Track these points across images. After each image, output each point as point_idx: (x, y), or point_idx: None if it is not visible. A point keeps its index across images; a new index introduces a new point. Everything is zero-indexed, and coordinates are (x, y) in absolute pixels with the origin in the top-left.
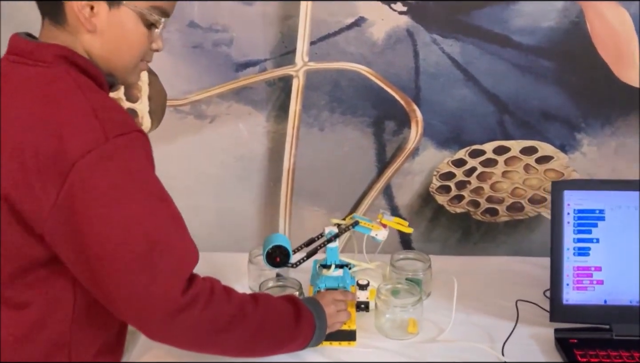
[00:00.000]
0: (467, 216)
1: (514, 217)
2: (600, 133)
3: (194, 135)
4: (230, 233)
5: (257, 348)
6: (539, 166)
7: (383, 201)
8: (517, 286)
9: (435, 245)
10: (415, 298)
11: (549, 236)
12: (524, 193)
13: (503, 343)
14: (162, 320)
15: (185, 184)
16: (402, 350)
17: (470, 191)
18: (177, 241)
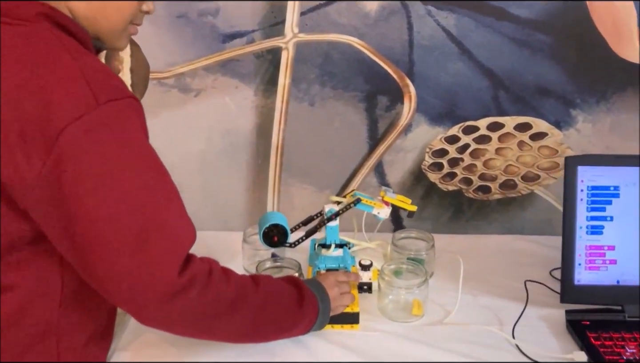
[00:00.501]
0: (459, 194)
1: (506, 195)
2: (596, 109)
3: (178, 109)
4: (217, 212)
5: (258, 333)
6: (533, 143)
7: (374, 179)
8: (521, 266)
9: (427, 223)
10: (421, 279)
11: (542, 214)
12: (517, 170)
13: (513, 326)
14: (156, 304)
15: (169, 161)
16: (407, 333)
17: (462, 168)
18: (173, 218)
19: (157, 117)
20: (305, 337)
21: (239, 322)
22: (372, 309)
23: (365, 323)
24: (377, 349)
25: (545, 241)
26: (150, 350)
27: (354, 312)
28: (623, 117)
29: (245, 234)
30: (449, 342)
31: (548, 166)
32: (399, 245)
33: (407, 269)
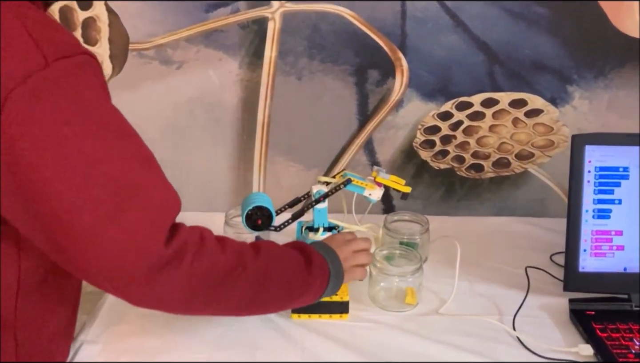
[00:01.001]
0: (451, 172)
1: (499, 173)
2: (593, 86)
3: (159, 82)
4: (199, 191)
5: (262, 304)
6: (528, 120)
7: (364, 157)
8: (520, 250)
9: (417, 203)
10: (415, 265)
11: (535, 193)
12: (511, 148)
13: (513, 316)
14: (143, 281)
15: (149, 137)
16: (400, 324)
17: (455, 146)
18: (150, 183)
19: (137, 91)
20: (289, 326)
21: (240, 293)
22: (363, 297)
23: (355, 313)
24: (368, 341)
25: (544, 224)
26: (121, 342)
27: (343, 301)
28: (621, 94)
29: (227, 216)
30: (444, 333)
31: (543, 144)
32: (392, 229)
33: (400, 254)
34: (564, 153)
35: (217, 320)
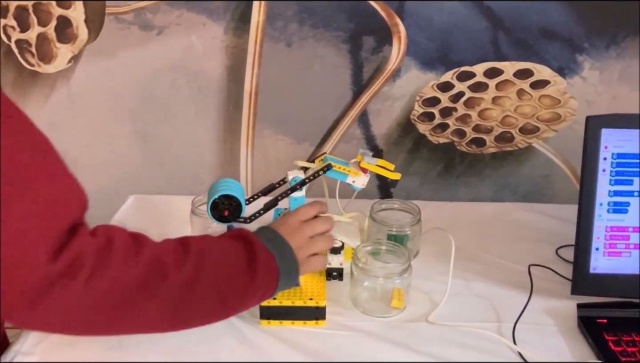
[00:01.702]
0: (451, 147)
1: (502, 148)
2: (605, 55)
3: (138, 49)
4: (183, 166)
5: (190, 318)
6: (534, 92)
7: (358, 130)
8: (522, 242)
9: (414, 179)
10: (403, 265)
11: (539, 169)
12: (515, 121)
13: (514, 324)
14: (24, 304)
15: (129, 108)
16: (384, 332)
17: (456, 119)
18: (34, 176)
19: (115, 58)
20: (256, 334)
21: (158, 308)
22: (343, 300)
23: (333, 318)
24: (345, 353)
25: (550, 211)
26: (60, 354)
27: (319, 306)
28: (634, 64)
29: (193, 204)
30: (434, 344)
31: (548, 118)
32: (379, 219)
33: (387, 250)
34: (570, 127)
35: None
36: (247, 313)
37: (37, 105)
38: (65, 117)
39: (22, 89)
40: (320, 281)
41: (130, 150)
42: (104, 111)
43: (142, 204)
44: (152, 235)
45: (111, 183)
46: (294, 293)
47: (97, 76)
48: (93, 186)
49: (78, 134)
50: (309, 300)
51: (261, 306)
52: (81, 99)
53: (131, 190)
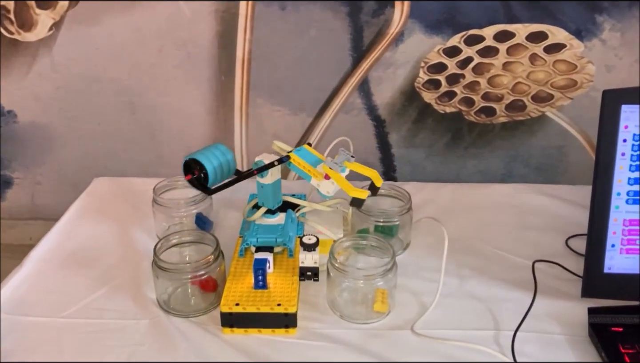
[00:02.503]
0: (459, 116)
1: (513, 118)
2: (628, 14)
3: (123, 15)
4: (175, 139)
5: None
6: (548, 57)
7: (359, 100)
8: (530, 230)
9: (419, 152)
10: (386, 264)
11: (552, 140)
12: (527, 89)
13: (513, 334)
14: None
15: (113, 77)
16: (364, 342)
17: (463, 86)
18: None
19: (99, 25)
20: (216, 345)
21: None
22: (319, 303)
23: (306, 325)
24: None
25: (563, 193)
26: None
27: (288, 313)
28: None
29: (155, 191)
30: (420, 357)
31: (563, 85)
32: (363, 208)
33: (370, 245)
34: (587, 95)
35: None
36: (207, 319)
37: (20, 76)
38: (48, 88)
39: (3, 59)
40: (291, 282)
41: (118, 122)
42: (89, 81)
43: (105, 188)
44: (112, 228)
45: (98, 157)
46: (260, 297)
47: (80, 44)
48: (80, 160)
49: (63, 106)
50: (276, 306)
51: (222, 313)
52: (65, 69)
53: (121, 164)
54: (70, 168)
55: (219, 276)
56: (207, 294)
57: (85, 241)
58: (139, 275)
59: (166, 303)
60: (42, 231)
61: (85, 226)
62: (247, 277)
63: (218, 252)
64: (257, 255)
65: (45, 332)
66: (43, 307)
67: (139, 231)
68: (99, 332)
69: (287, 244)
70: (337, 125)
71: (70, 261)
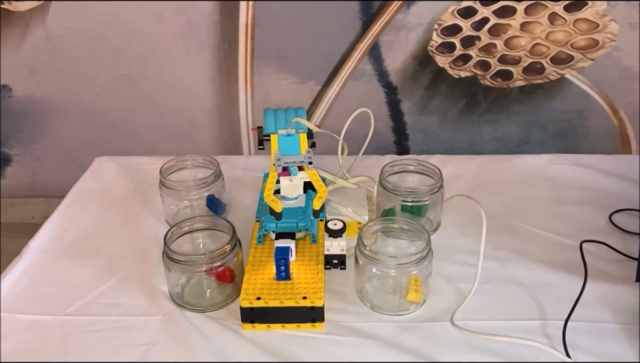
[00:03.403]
0: (474, 81)
1: (531, 81)
2: None
3: None
4: (178, 109)
5: None
6: (568, 16)
7: (369, 66)
8: (568, 206)
9: (432, 118)
10: (421, 252)
11: (572, 103)
12: (546, 50)
13: (564, 324)
14: None
15: (113, 47)
16: (398, 336)
17: (479, 49)
18: None
19: None
20: (236, 345)
21: None
22: (347, 293)
23: (333, 318)
24: None
25: (595, 163)
26: None
27: (315, 307)
28: None
29: (162, 173)
30: (461, 353)
31: (584, 45)
32: (390, 186)
33: (401, 229)
34: (609, 55)
35: (134, 334)
36: (226, 313)
37: (13, 48)
38: (44, 60)
39: None
40: (316, 272)
41: (118, 94)
42: (86, 52)
43: (107, 169)
44: (117, 213)
45: (98, 132)
46: (283, 289)
47: (75, 13)
48: (80, 135)
49: (59, 79)
50: (302, 299)
51: (242, 308)
52: (60, 40)
53: (122, 139)
54: (70, 143)
55: (236, 266)
56: (224, 285)
57: (88, 229)
58: (149, 265)
59: (179, 297)
60: (44, 209)
61: (87, 212)
62: (268, 266)
63: (235, 241)
64: (277, 242)
65: (48, 331)
66: (44, 304)
67: (146, 216)
68: (106, 331)
69: (310, 229)
70: (346, 93)
71: (72, 251)
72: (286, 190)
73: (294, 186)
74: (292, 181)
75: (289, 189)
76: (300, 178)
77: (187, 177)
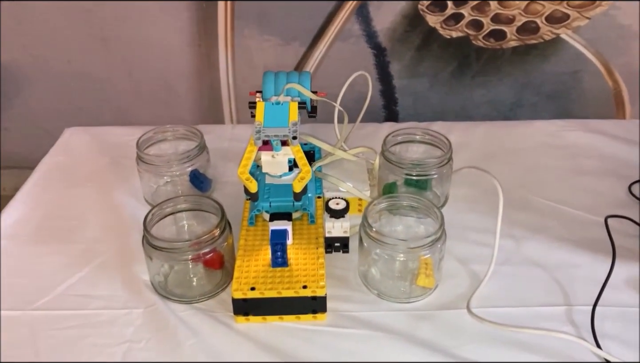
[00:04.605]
0: (466, 41)
1: (525, 42)
2: None
3: None
4: (154, 74)
5: None
6: None
7: (356, 26)
8: (584, 176)
9: (422, 82)
10: (435, 233)
11: (566, 65)
12: (541, 8)
13: (592, 309)
14: None
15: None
16: (409, 327)
17: (471, 7)
18: None
19: None
20: (227, 339)
21: None
22: (350, 278)
23: (336, 307)
24: None
25: (607, 129)
26: None
27: (317, 296)
28: None
29: (139, 145)
30: (481, 344)
31: (580, 3)
32: (394, 156)
33: (411, 206)
34: (606, 14)
35: (113, 331)
36: (216, 304)
37: None
38: (9, 24)
39: None
40: (316, 257)
41: (91, 59)
42: (55, 13)
43: (79, 141)
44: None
45: (71, 99)
46: (280, 277)
47: None
48: (50, 103)
49: (27, 43)
50: (301, 289)
51: (234, 299)
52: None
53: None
54: (40, 112)
55: (226, 251)
56: (212, 272)
57: (58, 209)
58: (127, 251)
59: (162, 287)
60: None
61: (56, 190)
62: (262, 251)
63: (224, 223)
64: (272, 224)
65: (14, 329)
66: (10, 298)
67: (123, 194)
68: (81, 327)
69: (307, 208)
70: (333, 54)
71: (40, 235)
72: (268, 167)
73: (276, 163)
74: (274, 158)
75: (271, 167)
76: (284, 154)
77: (168, 150)
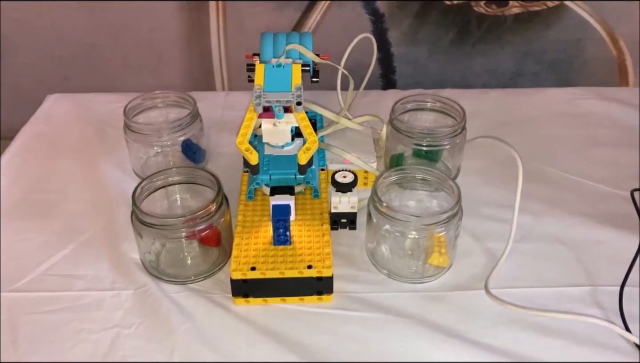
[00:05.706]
0: (467, 8)
1: (527, 8)
2: None
3: None
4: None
5: None
6: None
7: None
8: (600, 146)
9: (421, 50)
10: (451, 209)
11: (569, 33)
12: None
13: (620, 290)
14: None
15: None
16: (421, 310)
17: None
18: None
19: None
20: (225, 323)
21: None
22: (357, 256)
23: (343, 288)
24: (366, 350)
25: (622, 97)
26: None
27: (323, 277)
28: None
29: (126, 113)
30: (500, 329)
31: None
32: (404, 126)
33: (423, 179)
34: None
35: (100, 315)
36: (212, 284)
37: None
38: None
39: None
40: (321, 234)
41: (75, 23)
42: None
43: (62, 109)
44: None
45: (54, 65)
46: (283, 256)
47: None
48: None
49: (5, 6)
50: (306, 269)
51: (233, 280)
52: None
53: (81, 75)
54: (23, 79)
55: (223, 227)
56: (208, 250)
57: (39, 182)
58: (115, 227)
59: (154, 266)
60: None
61: (38, 161)
62: (262, 228)
63: (221, 198)
64: (274, 199)
65: None
66: None
67: (109, 166)
68: (65, 311)
69: (311, 181)
70: (329, 21)
71: (20, 210)
72: (268, 136)
73: (278, 132)
74: (276, 126)
75: (272, 136)
76: (287, 122)
77: (158, 118)
